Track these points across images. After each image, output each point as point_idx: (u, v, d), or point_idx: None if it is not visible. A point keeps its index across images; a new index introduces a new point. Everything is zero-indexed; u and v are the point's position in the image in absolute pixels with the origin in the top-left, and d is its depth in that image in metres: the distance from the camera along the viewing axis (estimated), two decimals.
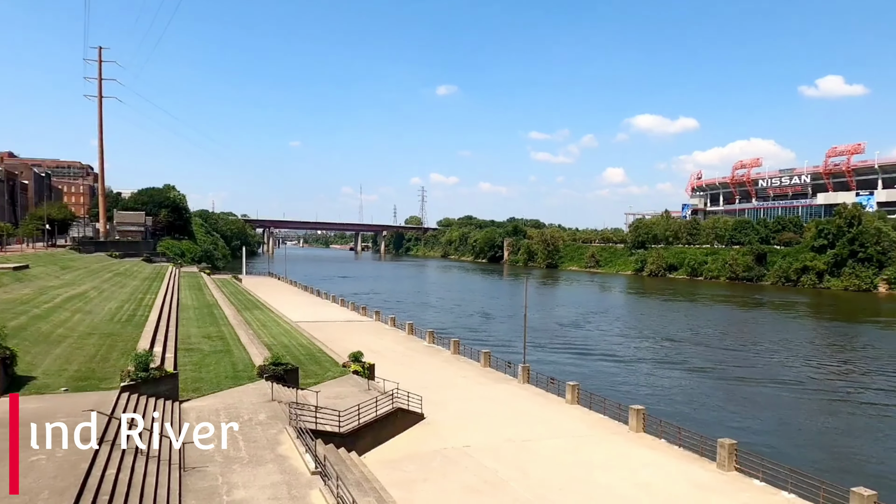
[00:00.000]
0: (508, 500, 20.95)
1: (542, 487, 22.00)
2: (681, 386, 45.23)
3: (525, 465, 24.09)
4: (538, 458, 25.09)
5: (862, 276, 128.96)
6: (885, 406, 40.35)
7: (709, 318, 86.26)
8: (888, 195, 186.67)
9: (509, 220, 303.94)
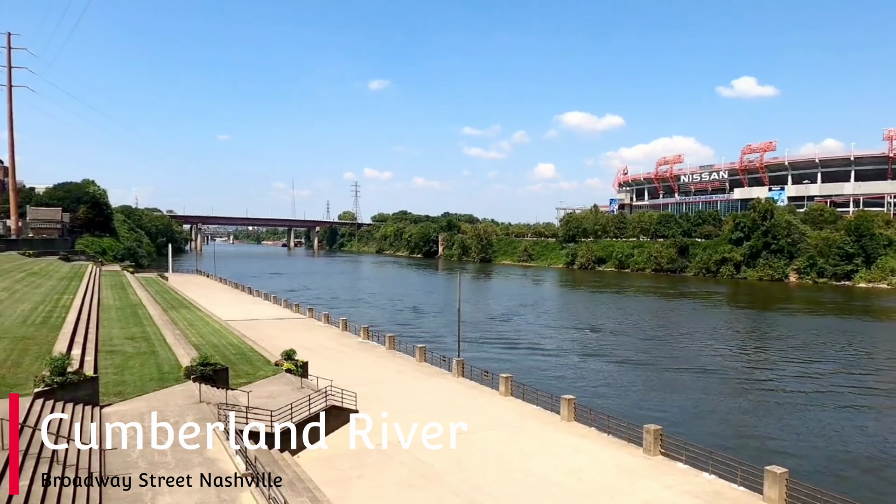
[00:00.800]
0: (444, 493, 21.14)
1: (478, 479, 22.31)
2: (609, 375, 46.82)
3: (461, 457, 24.33)
4: (474, 450, 25.41)
5: (775, 267, 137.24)
6: (791, 389, 43.13)
7: (635, 309, 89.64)
8: (797, 190, 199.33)
9: (444, 214, 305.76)
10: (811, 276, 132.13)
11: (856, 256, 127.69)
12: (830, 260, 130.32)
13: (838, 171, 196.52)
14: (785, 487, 20.22)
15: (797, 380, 45.64)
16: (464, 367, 39.09)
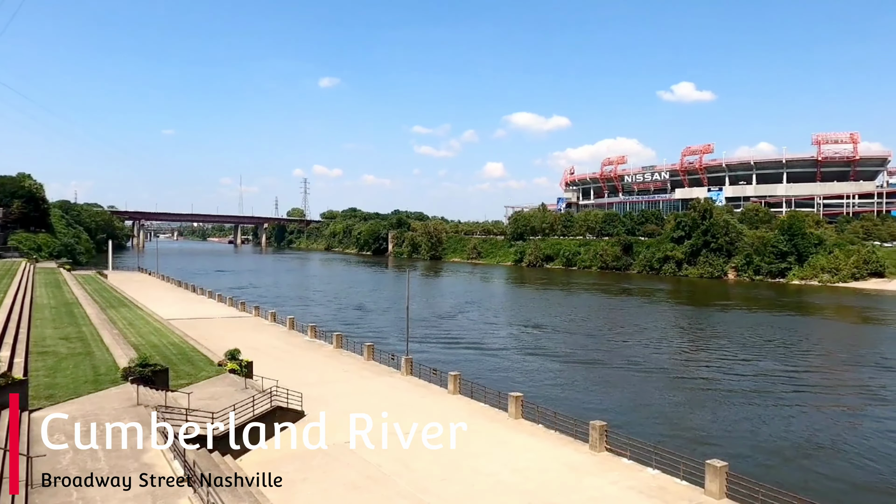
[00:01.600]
0: (391, 495, 20.91)
1: (426, 479, 22.17)
2: (555, 372, 47.46)
3: (409, 457, 24.13)
4: (422, 449, 25.20)
5: (714, 265, 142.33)
6: (728, 383, 44.74)
7: (581, 306, 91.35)
8: (734, 191, 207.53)
9: (394, 212, 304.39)
10: (748, 274, 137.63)
11: (789, 255, 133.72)
12: (766, 258, 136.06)
13: (772, 174, 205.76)
14: (725, 480, 20.86)
15: (733, 374, 47.35)
16: (412, 366, 38.89)
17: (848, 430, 33.93)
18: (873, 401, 40.32)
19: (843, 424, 35.16)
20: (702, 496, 21.06)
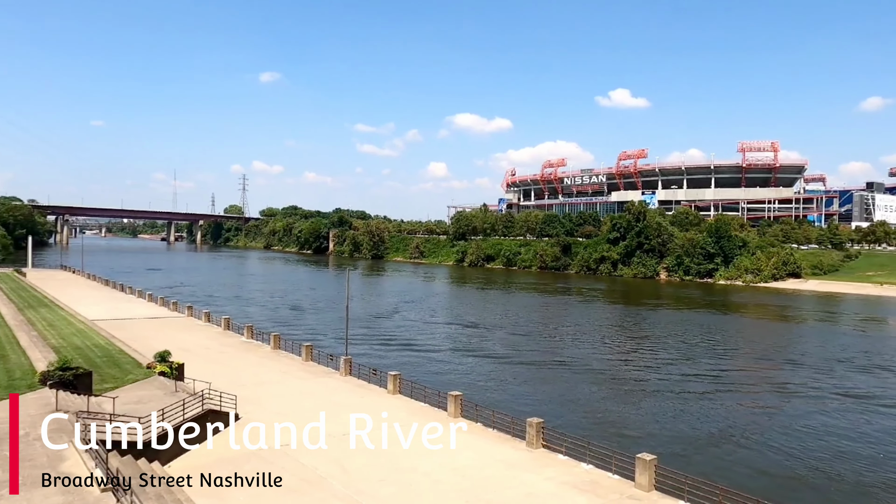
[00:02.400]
0: (327, 497, 20.58)
1: (363, 481, 21.93)
2: (495, 370, 47.95)
3: (346, 459, 23.84)
4: (360, 450, 24.97)
5: (647, 265, 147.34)
6: (657, 379, 46.41)
7: (521, 306, 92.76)
8: (666, 195, 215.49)
9: (335, 210, 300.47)
10: (679, 274, 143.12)
11: (716, 256, 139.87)
12: (695, 259, 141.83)
13: (701, 178, 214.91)
14: (654, 473, 21.60)
15: (661, 371, 49.09)
16: (351, 366, 38.46)
17: (762, 423, 35.78)
18: (786, 395, 42.66)
19: (759, 417, 37.07)
20: (632, 489, 21.71)
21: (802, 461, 29.57)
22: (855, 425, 35.39)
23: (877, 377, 47.89)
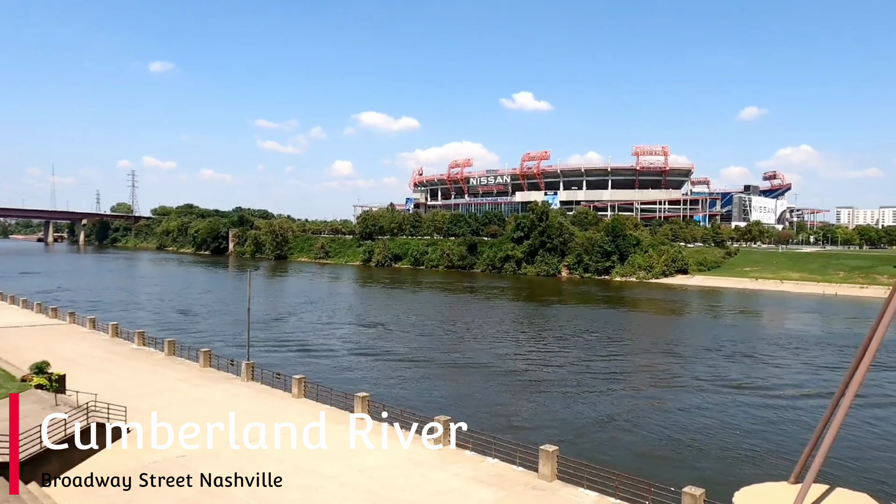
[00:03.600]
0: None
1: (267, 488, 21.08)
2: (402, 370, 47.85)
3: (249, 466, 22.85)
4: (263, 456, 24.05)
5: (549, 263, 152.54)
6: (559, 372, 48.18)
7: (428, 305, 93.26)
8: (567, 195, 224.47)
9: (235, 209, 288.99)
10: (578, 272, 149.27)
11: (613, 254, 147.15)
12: (593, 257, 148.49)
13: (599, 180, 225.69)
14: (556, 463, 22.36)
15: (562, 365, 50.98)
16: (254, 371, 37.02)
17: (646, 408, 38.21)
18: (666, 383, 45.75)
19: (643, 403, 39.55)
20: (536, 480, 22.35)
21: (678, 440, 32.08)
22: (721, 407, 38.69)
23: (740, 364, 52.48)
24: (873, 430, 34.54)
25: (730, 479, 24.41)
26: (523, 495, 21.46)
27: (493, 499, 21.11)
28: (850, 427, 32.08)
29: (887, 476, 27.66)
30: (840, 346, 60.39)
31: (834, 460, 25.81)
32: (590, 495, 21.33)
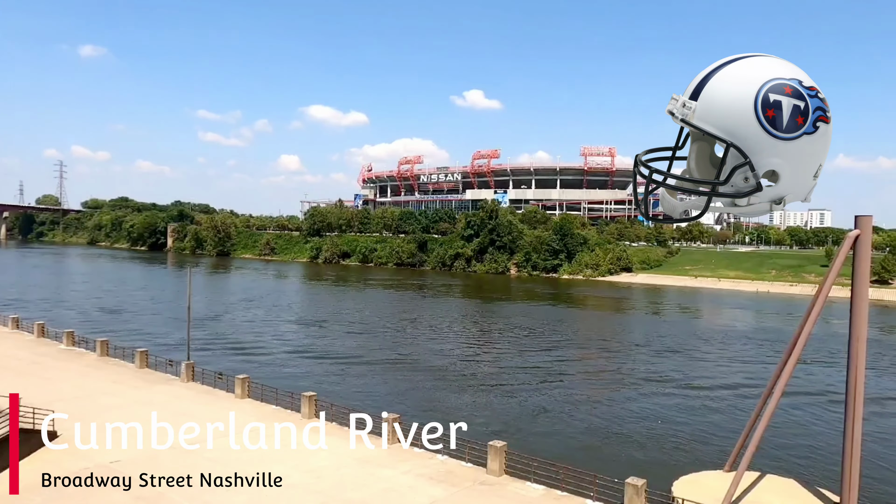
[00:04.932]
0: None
1: (208, 490, 20.43)
2: (350, 369, 47.33)
3: (189, 470, 22.04)
4: (204, 460, 23.26)
5: (499, 261, 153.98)
6: (504, 370, 48.68)
7: (377, 303, 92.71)
8: (517, 194, 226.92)
9: (174, 203, 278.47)
10: (527, 270, 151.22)
11: (560, 252, 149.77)
12: (542, 255, 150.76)
13: (548, 179, 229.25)
14: (504, 458, 22.54)
15: (508, 363, 51.62)
16: (194, 371, 35.84)
17: (593, 405, 39.05)
18: (613, 380, 46.96)
19: (590, 400, 40.33)
20: (485, 475, 22.49)
21: (620, 433, 33.19)
22: (660, 400, 40.09)
23: (678, 359, 54.38)
24: (799, 420, 36.35)
25: (669, 469, 25.12)
26: (472, 491, 21.55)
27: (442, 495, 21.11)
28: (779, 417, 33.58)
29: (812, 462, 29.13)
30: (771, 341, 63.31)
31: (765, 449, 26.94)
32: (537, 489, 21.66)
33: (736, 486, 19.48)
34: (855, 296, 19.32)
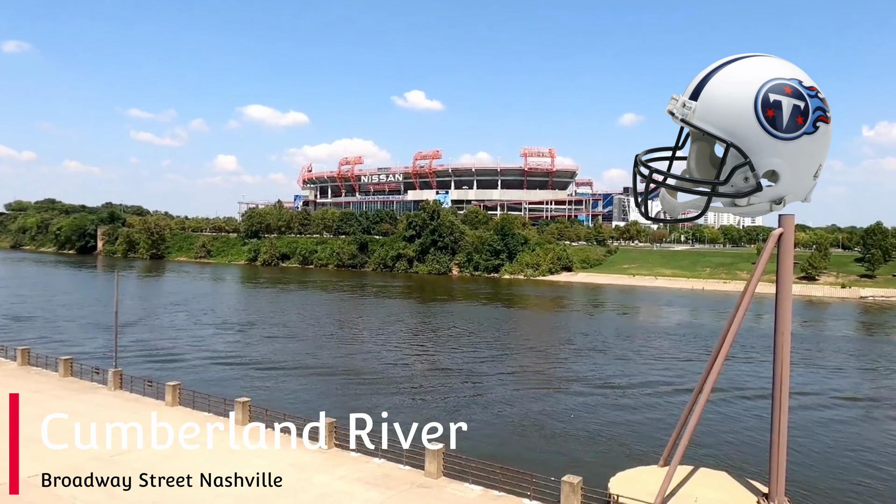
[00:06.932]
0: None
1: (138, 501, 19.43)
2: (285, 374, 46.12)
3: (117, 480, 20.96)
4: (133, 471, 22.11)
5: (441, 262, 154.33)
6: (446, 370, 48.68)
7: (316, 305, 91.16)
8: (458, 194, 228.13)
9: (105, 205, 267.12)
10: (469, 270, 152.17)
11: (502, 252, 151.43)
12: (483, 256, 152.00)
13: (489, 180, 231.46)
14: (442, 461, 22.43)
15: (449, 364, 51.59)
16: (122, 379, 34.16)
17: (529, 404, 39.53)
18: (548, 379, 47.49)
19: (526, 400, 40.81)
20: (423, 478, 22.32)
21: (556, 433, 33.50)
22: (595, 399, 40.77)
23: (613, 357, 55.70)
24: (731, 414, 37.79)
25: (606, 466, 25.60)
26: (409, 493, 21.33)
27: (379, 499, 20.81)
28: (711, 412, 34.86)
29: (743, 454, 30.26)
30: (704, 337, 65.81)
31: (698, 443, 27.85)
32: (475, 490, 21.63)
33: (670, 480, 20.01)
34: (779, 291, 20.12)
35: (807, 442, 32.70)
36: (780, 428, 20.33)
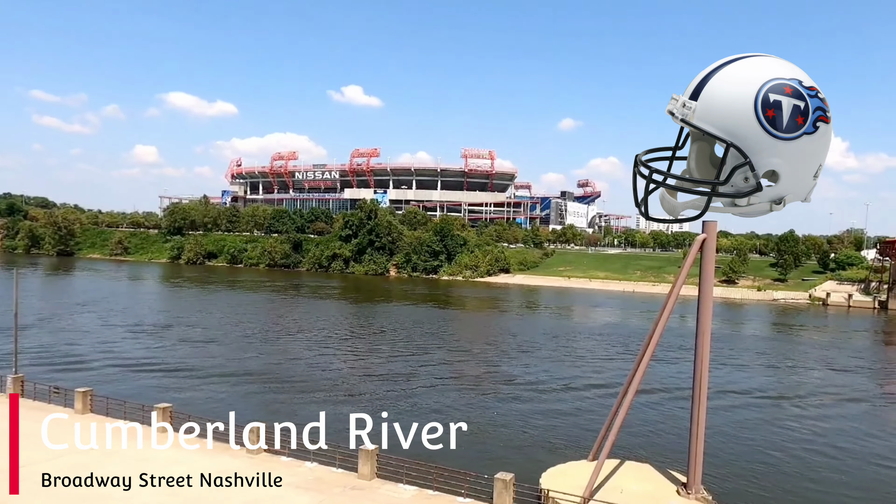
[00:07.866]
0: None
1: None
2: (209, 379, 43.93)
3: (26, 494, 19.46)
4: (33, 488, 20.58)
5: (378, 262, 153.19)
6: (379, 374, 48.19)
7: (245, 306, 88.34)
8: (397, 194, 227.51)
9: (4, 196, 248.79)
10: (407, 271, 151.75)
11: (441, 254, 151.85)
12: (422, 256, 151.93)
13: (429, 180, 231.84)
14: (375, 462, 22.16)
15: (377, 366, 50.98)
16: (24, 385, 31.82)
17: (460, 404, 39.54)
18: (479, 380, 47.52)
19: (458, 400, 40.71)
20: (356, 480, 21.97)
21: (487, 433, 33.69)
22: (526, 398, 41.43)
23: (544, 357, 56.59)
24: (656, 410, 39.16)
25: (538, 462, 25.87)
26: (343, 496, 20.93)
27: (311, 503, 20.27)
28: (638, 410, 35.91)
29: (665, 448, 31.31)
30: (634, 337, 68.00)
31: (625, 439, 28.54)
32: (409, 490, 21.51)
33: (598, 473, 20.79)
34: (701, 293, 20.98)
35: (726, 437, 34.25)
36: (699, 419, 21.33)
